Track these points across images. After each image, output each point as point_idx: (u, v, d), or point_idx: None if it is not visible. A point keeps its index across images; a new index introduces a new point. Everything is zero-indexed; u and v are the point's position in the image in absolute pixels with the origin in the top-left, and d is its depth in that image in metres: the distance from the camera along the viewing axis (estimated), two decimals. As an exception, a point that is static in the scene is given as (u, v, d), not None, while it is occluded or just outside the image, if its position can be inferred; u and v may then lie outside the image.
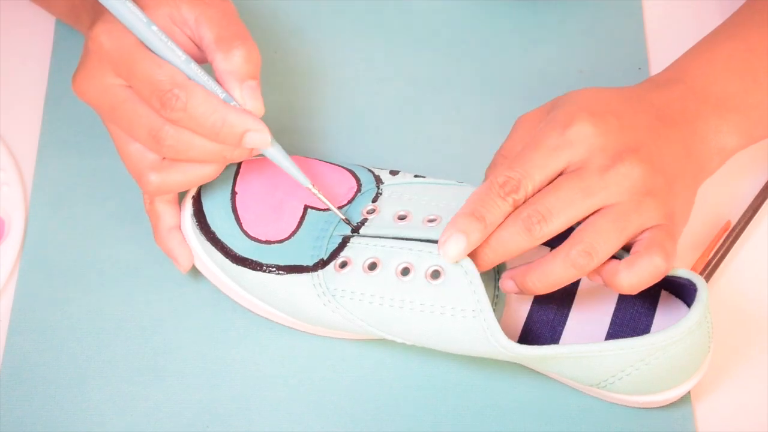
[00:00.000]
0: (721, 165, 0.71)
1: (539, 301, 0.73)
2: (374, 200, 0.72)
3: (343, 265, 0.69)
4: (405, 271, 0.68)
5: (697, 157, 0.69)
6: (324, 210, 0.72)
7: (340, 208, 0.72)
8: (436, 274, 0.68)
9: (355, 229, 0.70)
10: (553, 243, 0.68)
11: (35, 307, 0.75)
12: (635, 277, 0.65)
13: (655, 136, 0.67)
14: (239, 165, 0.73)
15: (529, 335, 0.72)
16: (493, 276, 0.72)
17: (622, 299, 0.72)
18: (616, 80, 0.73)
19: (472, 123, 0.81)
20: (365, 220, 0.71)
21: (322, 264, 0.70)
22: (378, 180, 0.73)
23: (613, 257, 0.67)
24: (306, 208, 0.72)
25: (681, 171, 0.67)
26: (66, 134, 0.80)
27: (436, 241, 0.68)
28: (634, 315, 0.72)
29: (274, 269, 0.70)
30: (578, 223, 0.67)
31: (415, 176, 0.73)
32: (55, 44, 0.83)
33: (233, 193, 0.72)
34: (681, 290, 0.70)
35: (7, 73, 0.82)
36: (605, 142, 0.66)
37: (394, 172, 0.73)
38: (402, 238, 0.69)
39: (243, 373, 0.73)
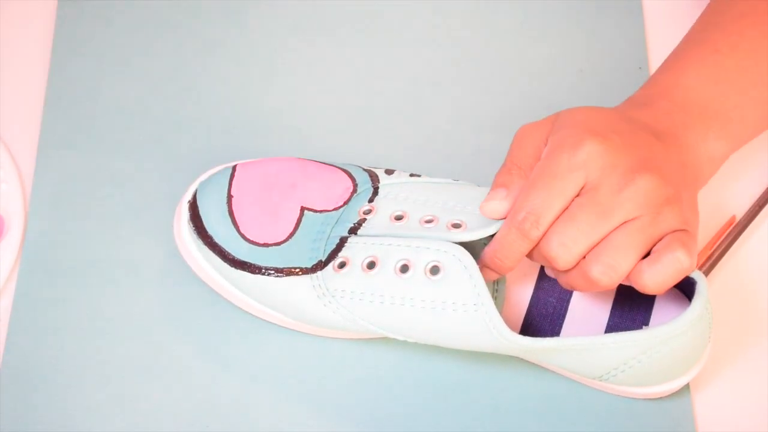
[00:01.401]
0: (713, 174, 0.71)
1: (538, 295, 0.73)
2: (370, 200, 0.72)
3: (342, 265, 0.69)
4: (404, 269, 0.68)
5: (692, 168, 0.69)
6: (321, 211, 0.72)
7: (336, 209, 0.72)
8: (435, 270, 0.67)
9: (353, 230, 0.70)
10: None
11: (35, 307, 0.75)
12: (659, 276, 0.65)
13: (655, 151, 0.67)
14: (234, 168, 0.73)
15: (528, 330, 0.72)
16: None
17: (621, 292, 0.73)
18: (616, 80, 0.73)
19: (471, 123, 0.81)
20: (363, 220, 0.71)
21: (320, 265, 0.70)
22: (374, 179, 0.73)
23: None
24: (302, 209, 0.72)
25: (683, 182, 0.68)
26: (66, 134, 0.80)
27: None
28: (632, 307, 0.72)
29: (273, 272, 0.70)
30: None
31: (411, 175, 0.73)
32: (55, 44, 0.83)
33: (229, 197, 0.72)
34: (679, 283, 0.70)
35: (7, 72, 0.82)
36: (615, 160, 0.66)
37: (389, 171, 0.73)
38: (400, 237, 0.69)
39: (243, 373, 0.73)
